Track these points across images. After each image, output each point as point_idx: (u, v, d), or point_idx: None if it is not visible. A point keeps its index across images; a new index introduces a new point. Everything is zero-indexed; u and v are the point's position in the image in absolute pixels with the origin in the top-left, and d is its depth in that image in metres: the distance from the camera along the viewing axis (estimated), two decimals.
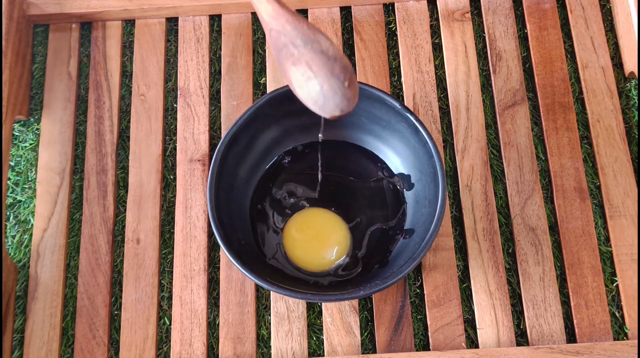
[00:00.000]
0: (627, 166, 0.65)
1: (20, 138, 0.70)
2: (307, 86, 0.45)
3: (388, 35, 0.72)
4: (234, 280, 0.63)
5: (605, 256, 0.63)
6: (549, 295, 0.61)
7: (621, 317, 0.61)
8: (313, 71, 0.45)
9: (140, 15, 0.72)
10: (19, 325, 0.63)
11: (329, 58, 0.45)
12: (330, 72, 0.45)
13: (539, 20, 0.71)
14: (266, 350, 0.61)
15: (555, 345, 0.59)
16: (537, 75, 0.69)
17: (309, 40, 0.45)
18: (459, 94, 0.68)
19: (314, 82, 0.45)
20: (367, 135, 0.64)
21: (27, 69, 0.71)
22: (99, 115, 0.69)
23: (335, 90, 0.45)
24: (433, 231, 0.54)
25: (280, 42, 0.46)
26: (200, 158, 0.67)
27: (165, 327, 0.63)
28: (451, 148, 0.67)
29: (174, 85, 0.71)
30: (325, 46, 0.45)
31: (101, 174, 0.67)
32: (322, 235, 0.62)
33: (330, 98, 0.45)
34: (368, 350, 0.61)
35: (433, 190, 0.57)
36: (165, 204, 0.67)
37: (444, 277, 0.62)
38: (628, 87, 0.69)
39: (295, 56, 0.45)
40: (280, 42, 0.46)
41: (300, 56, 0.45)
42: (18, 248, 0.65)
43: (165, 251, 0.65)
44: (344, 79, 0.45)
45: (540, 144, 0.67)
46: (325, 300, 0.55)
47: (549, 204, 0.65)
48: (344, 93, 0.45)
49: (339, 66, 0.45)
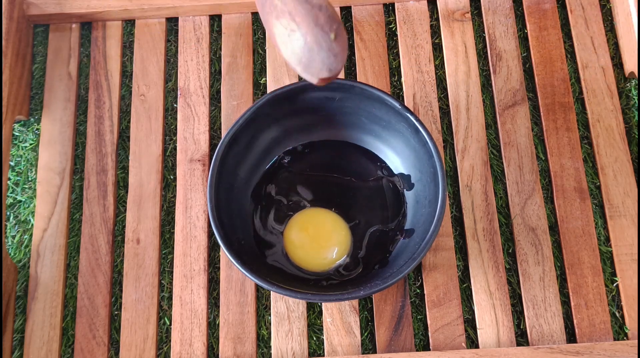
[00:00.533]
0: (627, 166, 0.65)
1: (20, 138, 0.70)
2: (290, 41, 0.41)
3: (388, 35, 0.72)
4: (234, 280, 0.63)
5: (605, 256, 0.63)
6: (549, 295, 0.61)
7: (621, 317, 0.61)
8: (296, 21, 0.41)
9: (140, 15, 0.72)
10: (19, 325, 0.63)
11: (312, 6, 0.41)
12: (314, 22, 0.40)
13: (539, 20, 0.71)
14: (266, 350, 0.61)
15: (555, 345, 0.59)
16: (537, 75, 0.69)
17: None
18: (459, 94, 0.68)
19: (297, 34, 0.41)
20: (367, 135, 0.64)
21: (27, 69, 0.71)
22: (99, 115, 0.69)
23: (320, 43, 0.41)
24: (433, 231, 0.54)
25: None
26: (200, 158, 0.67)
27: (165, 327, 0.63)
28: (451, 148, 0.67)
29: (174, 85, 0.71)
30: None
31: (101, 174, 0.67)
32: (323, 234, 0.62)
33: (316, 53, 0.41)
34: (368, 350, 0.61)
35: (433, 190, 0.57)
36: (165, 204, 0.67)
37: (444, 277, 0.62)
38: (628, 87, 0.69)
39: (278, 7, 0.41)
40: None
41: (283, 6, 0.41)
42: (18, 248, 0.65)
43: (165, 251, 0.65)
44: (329, 30, 0.40)
45: (540, 144, 0.67)
46: (325, 300, 0.55)
47: (549, 204, 0.65)
48: (329, 46, 0.41)
49: (324, 15, 0.41)
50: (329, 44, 0.41)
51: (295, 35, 0.41)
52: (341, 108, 0.62)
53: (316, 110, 0.62)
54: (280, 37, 0.42)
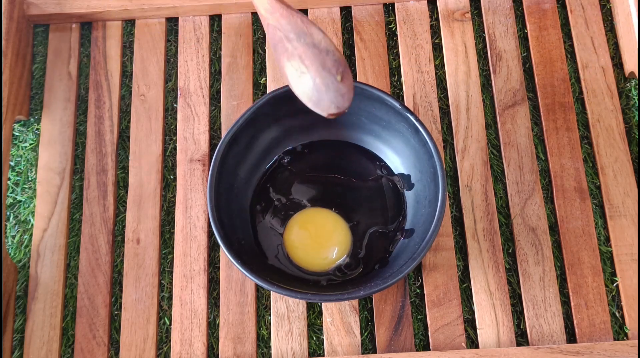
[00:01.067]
0: (627, 166, 0.65)
1: (20, 138, 0.70)
2: (301, 81, 0.45)
3: (388, 35, 0.72)
4: (234, 280, 0.63)
5: (605, 256, 0.63)
6: (549, 295, 0.61)
7: (621, 317, 0.61)
8: (305, 64, 0.45)
9: (140, 15, 0.72)
10: (19, 325, 0.63)
11: (320, 51, 0.45)
12: (322, 65, 0.44)
13: (539, 20, 0.71)
14: (266, 350, 0.61)
15: (555, 345, 0.59)
16: (537, 75, 0.69)
17: (301, 34, 0.45)
18: (459, 94, 0.68)
19: (307, 76, 0.45)
20: (367, 135, 0.64)
21: (27, 69, 0.71)
22: (99, 115, 0.69)
23: (328, 84, 0.45)
24: (433, 231, 0.54)
25: (276, 37, 0.46)
26: (200, 158, 0.67)
27: (165, 327, 0.63)
28: (451, 148, 0.67)
29: (174, 85, 0.71)
30: (318, 38, 0.45)
31: (101, 174, 0.67)
32: (323, 234, 0.62)
33: (324, 93, 0.45)
34: (368, 350, 0.61)
35: (433, 190, 0.57)
36: (165, 204, 0.67)
37: (444, 277, 0.62)
38: (628, 87, 0.69)
39: (289, 50, 0.45)
40: (276, 37, 0.46)
41: (294, 49, 0.45)
42: (18, 248, 0.65)
43: (165, 251, 0.65)
44: (336, 73, 0.44)
45: (540, 144, 0.67)
46: (325, 300, 0.55)
47: (549, 204, 0.65)
48: (337, 87, 0.45)
49: (331, 59, 0.45)
50: (336, 85, 0.45)
51: (306, 77, 0.45)
52: None
53: None
54: (291, 77, 0.45)
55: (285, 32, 0.45)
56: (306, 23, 0.45)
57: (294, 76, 0.45)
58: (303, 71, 0.45)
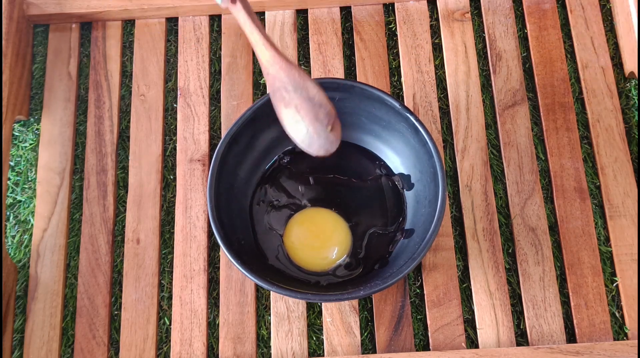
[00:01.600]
0: (627, 166, 0.65)
1: (20, 138, 0.70)
2: (296, 127, 0.51)
3: (388, 36, 0.72)
4: (234, 280, 0.63)
5: (605, 256, 0.63)
6: (549, 295, 0.61)
7: (621, 317, 0.61)
8: (301, 114, 0.51)
9: (140, 15, 0.72)
10: (19, 325, 0.63)
11: (314, 104, 0.50)
12: (315, 117, 0.50)
13: (539, 20, 0.71)
14: (266, 350, 0.61)
15: (555, 345, 0.59)
16: (537, 75, 0.69)
17: (298, 87, 0.50)
18: (459, 94, 0.68)
19: (302, 124, 0.51)
20: (367, 135, 0.64)
21: (27, 69, 0.71)
22: (99, 115, 0.69)
23: (319, 133, 0.51)
24: (433, 231, 0.54)
25: (275, 85, 0.51)
26: (200, 158, 0.67)
27: (165, 327, 0.63)
28: (451, 148, 0.67)
29: (174, 85, 0.71)
30: (313, 92, 0.50)
31: (101, 174, 0.67)
32: (323, 234, 0.62)
33: (315, 139, 0.51)
34: (368, 350, 0.61)
35: (433, 190, 0.57)
36: (165, 204, 0.67)
37: (444, 277, 0.62)
38: (628, 87, 0.69)
39: (286, 99, 0.51)
40: (275, 86, 0.51)
41: (291, 100, 0.51)
42: (18, 248, 0.65)
43: (165, 251, 0.65)
44: (327, 124, 0.51)
45: (540, 144, 0.67)
46: (326, 300, 0.55)
47: (549, 204, 0.65)
48: (327, 136, 0.51)
49: (323, 112, 0.50)
50: (326, 134, 0.51)
51: (300, 125, 0.51)
52: (341, 108, 0.62)
53: None
54: (287, 122, 0.51)
55: (284, 83, 0.50)
56: (303, 77, 0.50)
57: (290, 122, 0.51)
58: (298, 119, 0.51)
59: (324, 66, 0.70)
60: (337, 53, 0.70)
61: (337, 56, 0.70)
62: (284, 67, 0.50)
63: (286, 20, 0.72)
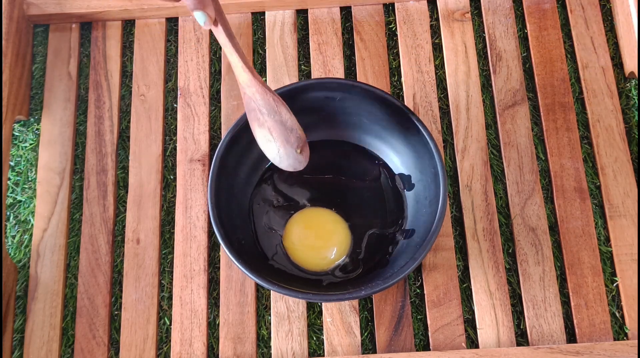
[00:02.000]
0: (627, 166, 0.65)
1: (20, 138, 0.70)
2: (267, 146, 0.55)
3: (388, 36, 0.72)
4: (234, 280, 0.63)
5: (605, 256, 0.63)
6: (549, 295, 0.61)
7: (621, 317, 0.62)
8: (273, 136, 0.54)
9: (140, 15, 0.72)
10: (19, 325, 0.63)
11: (286, 128, 0.54)
12: (286, 140, 0.54)
13: (539, 20, 0.71)
14: (266, 350, 0.61)
15: (555, 345, 0.59)
16: (537, 75, 0.69)
17: (272, 111, 0.53)
18: (459, 94, 0.68)
19: (273, 145, 0.54)
20: (367, 135, 0.64)
21: (27, 69, 0.71)
22: (99, 115, 0.69)
23: (289, 154, 0.54)
24: (434, 231, 0.54)
25: (250, 105, 0.54)
26: (200, 158, 0.67)
27: (165, 327, 0.63)
28: (451, 148, 0.67)
29: (174, 85, 0.71)
30: (285, 117, 0.53)
31: (101, 174, 0.67)
32: (323, 234, 0.62)
33: (285, 159, 0.55)
34: (368, 350, 0.61)
35: (434, 190, 0.57)
36: (165, 204, 0.67)
37: (444, 277, 0.62)
38: (628, 87, 0.69)
39: (260, 120, 0.54)
40: (250, 106, 0.54)
41: (264, 121, 0.54)
42: (18, 248, 0.65)
43: (165, 251, 0.65)
44: (296, 147, 0.54)
45: (540, 144, 0.67)
46: (326, 300, 0.55)
47: (549, 204, 0.65)
48: (295, 157, 0.55)
49: (294, 136, 0.54)
50: (295, 156, 0.55)
51: (272, 145, 0.54)
52: (341, 108, 0.62)
53: (316, 110, 0.62)
54: (260, 141, 0.55)
55: (259, 105, 0.53)
56: (277, 102, 0.53)
57: (263, 141, 0.55)
58: (270, 139, 0.54)
59: (324, 66, 0.70)
60: (337, 53, 0.70)
61: (337, 56, 0.70)
62: (260, 90, 0.52)
63: (286, 20, 0.72)
